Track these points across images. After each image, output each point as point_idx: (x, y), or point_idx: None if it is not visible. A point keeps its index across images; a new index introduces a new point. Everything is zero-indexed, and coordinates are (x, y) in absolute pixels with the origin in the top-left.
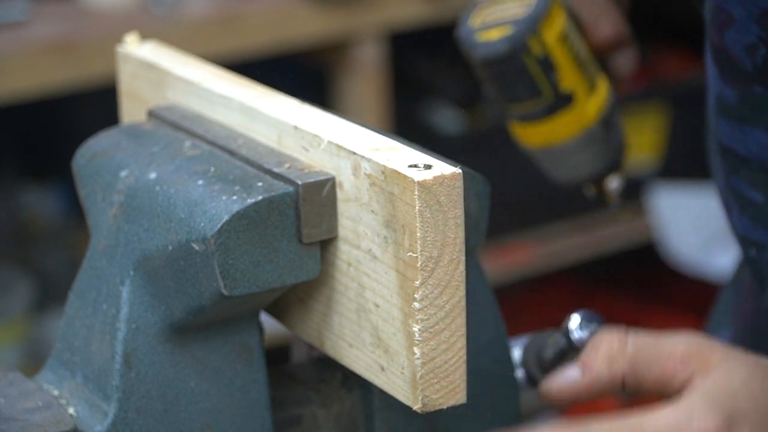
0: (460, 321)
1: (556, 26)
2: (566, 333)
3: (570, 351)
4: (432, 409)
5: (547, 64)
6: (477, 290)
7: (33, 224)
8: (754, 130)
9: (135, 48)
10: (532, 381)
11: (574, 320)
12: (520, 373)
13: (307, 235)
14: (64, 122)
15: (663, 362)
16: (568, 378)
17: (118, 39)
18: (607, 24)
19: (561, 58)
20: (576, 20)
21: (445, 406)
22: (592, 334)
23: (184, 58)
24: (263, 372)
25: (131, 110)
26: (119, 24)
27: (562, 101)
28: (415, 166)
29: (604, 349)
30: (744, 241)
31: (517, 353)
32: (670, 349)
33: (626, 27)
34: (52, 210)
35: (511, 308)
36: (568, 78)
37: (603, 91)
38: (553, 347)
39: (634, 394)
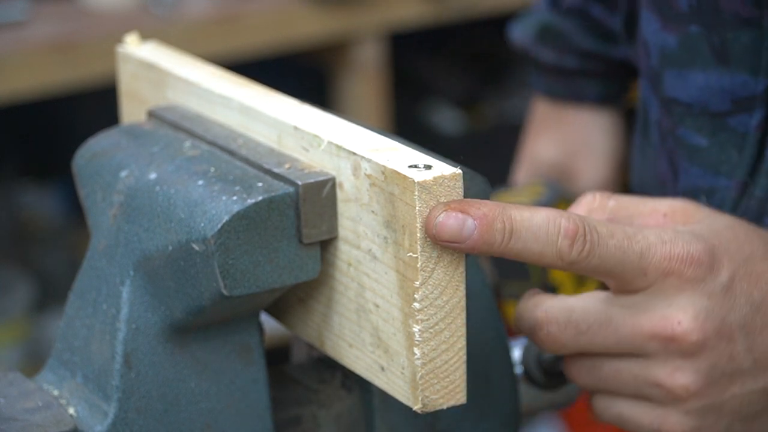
0: (460, 321)
1: None
2: None
3: None
4: (432, 409)
5: None
6: (477, 290)
7: (33, 224)
8: (693, 72)
9: (135, 48)
10: (532, 381)
11: None
12: (519, 372)
13: (307, 236)
14: (64, 122)
15: (644, 217)
16: None
17: (118, 39)
18: None
19: None
20: None
21: (445, 407)
22: None
23: (184, 58)
24: (263, 372)
25: (131, 110)
26: (119, 24)
27: (547, 291)
28: (415, 166)
29: (585, 202)
30: (694, 193)
31: (517, 353)
32: (653, 205)
33: None
34: (52, 210)
35: None
36: (559, 272)
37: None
38: None
39: None
